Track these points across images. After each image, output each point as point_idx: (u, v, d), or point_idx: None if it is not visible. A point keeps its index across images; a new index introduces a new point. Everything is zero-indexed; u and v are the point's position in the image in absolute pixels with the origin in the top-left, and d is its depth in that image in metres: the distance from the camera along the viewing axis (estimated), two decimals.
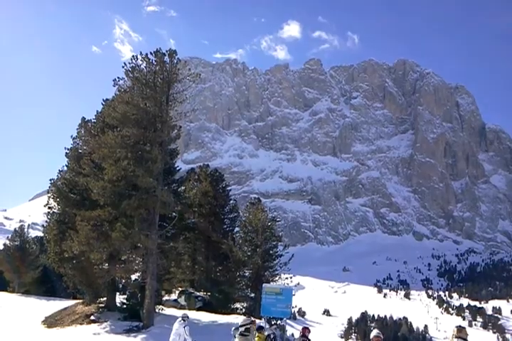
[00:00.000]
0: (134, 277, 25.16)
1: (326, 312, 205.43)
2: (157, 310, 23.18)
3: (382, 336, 6.36)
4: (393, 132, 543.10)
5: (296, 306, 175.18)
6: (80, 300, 28.92)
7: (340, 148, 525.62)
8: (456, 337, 6.97)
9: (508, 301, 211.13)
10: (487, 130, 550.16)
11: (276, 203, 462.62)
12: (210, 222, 33.14)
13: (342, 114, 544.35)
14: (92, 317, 22.68)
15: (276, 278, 31.96)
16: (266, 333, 12.65)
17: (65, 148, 26.71)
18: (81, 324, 22.32)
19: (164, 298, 28.18)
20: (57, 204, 26.01)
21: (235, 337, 10.34)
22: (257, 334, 10.87)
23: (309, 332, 11.46)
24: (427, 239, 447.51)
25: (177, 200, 24.35)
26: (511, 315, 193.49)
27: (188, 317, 14.68)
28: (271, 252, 32.64)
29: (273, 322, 24.90)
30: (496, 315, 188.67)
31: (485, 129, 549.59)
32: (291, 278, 32.06)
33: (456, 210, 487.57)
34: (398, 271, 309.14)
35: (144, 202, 21.91)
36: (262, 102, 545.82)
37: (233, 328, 11.16)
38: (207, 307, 26.46)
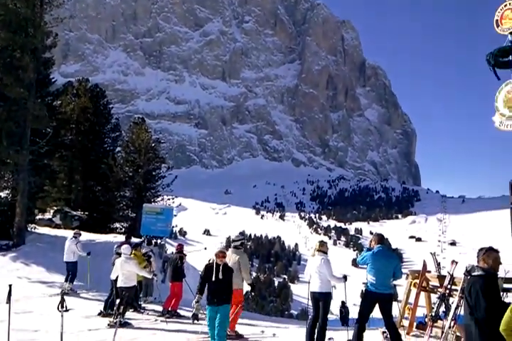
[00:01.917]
0: (3, 194, 23.38)
1: (207, 232, 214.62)
2: (29, 229, 22.08)
3: (225, 251, 6.75)
4: (281, 61, 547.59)
5: (176, 225, 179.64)
6: None
7: (230, 72, 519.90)
8: (317, 251, 7.51)
9: (368, 223, 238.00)
10: (366, 66, 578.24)
11: (162, 125, 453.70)
12: (89, 140, 31.35)
13: (233, 37, 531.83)
14: None
15: (159, 199, 31.88)
16: (143, 250, 12.64)
17: None
18: None
19: (38, 217, 26.83)
20: None
21: (116, 254, 10.18)
22: (133, 252, 10.77)
23: (182, 246, 11.76)
24: (303, 166, 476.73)
25: (51, 115, 22.51)
26: (370, 235, 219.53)
27: (80, 234, 14.34)
28: (153, 173, 32.16)
29: (153, 241, 25.10)
30: (357, 235, 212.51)
31: (365, 65, 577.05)
32: (173, 199, 32.19)
33: (331, 140, 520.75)
34: (276, 195, 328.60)
35: (13, 114, 19.95)
36: (151, 16, 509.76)
37: (116, 246, 10.92)
38: (84, 226, 25.74)
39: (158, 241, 25.75)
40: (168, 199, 32.21)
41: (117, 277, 9.69)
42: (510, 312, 4.05)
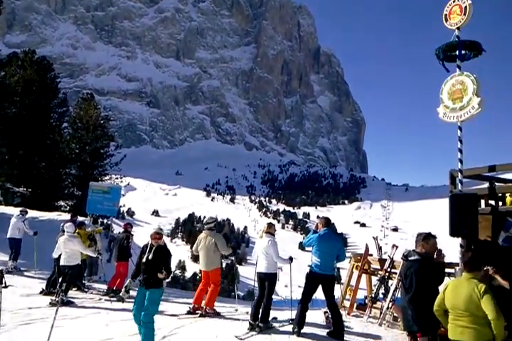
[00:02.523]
0: None
1: (155, 213, 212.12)
2: None
3: (161, 232, 6.61)
4: (237, 43, 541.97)
5: (124, 205, 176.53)
6: None
7: (184, 52, 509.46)
8: (265, 232, 7.61)
9: (316, 208, 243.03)
10: (321, 53, 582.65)
11: (112, 102, 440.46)
12: (34, 114, 29.92)
13: (189, 16, 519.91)
14: None
15: (106, 178, 31.13)
16: (88, 229, 12.36)
17: None
18: None
19: None
20: None
21: (62, 231, 9.90)
22: (77, 230, 10.53)
23: (131, 227, 11.55)
24: (256, 150, 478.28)
25: None
26: (317, 219, 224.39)
27: (26, 211, 13.91)
28: (101, 151, 31.32)
29: (99, 220, 24.55)
30: (305, 219, 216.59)
31: (319, 52, 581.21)
32: (121, 178, 31.54)
33: (284, 125, 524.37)
34: (227, 177, 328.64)
35: None
36: None
37: (62, 224, 10.60)
38: (27, 203, 24.77)
39: (105, 220, 25.23)
40: (116, 178, 31.53)
41: (60, 255, 9.46)
42: (442, 293, 4.29)
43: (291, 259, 7.81)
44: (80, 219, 14.79)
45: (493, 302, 3.89)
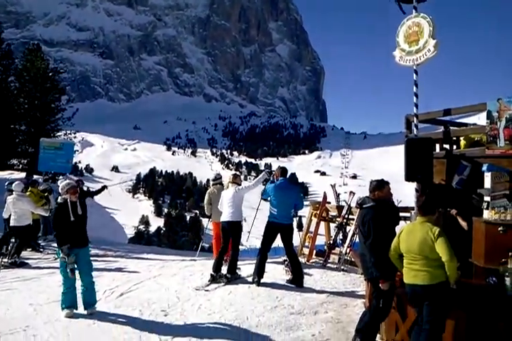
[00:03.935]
0: None
1: (115, 169, 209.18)
2: None
3: (77, 185, 6.19)
4: None
5: (80, 162, 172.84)
6: None
7: None
8: (230, 183, 7.57)
9: (277, 159, 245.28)
10: None
11: (62, 53, 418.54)
12: None
13: None
14: None
15: (60, 134, 29.92)
16: (41, 187, 11.91)
17: None
18: None
19: None
20: None
21: (8, 191, 9.44)
22: (29, 189, 10.11)
23: (82, 183, 11.24)
24: (215, 101, 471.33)
25: None
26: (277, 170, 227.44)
27: None
28: (52, 106, 29.87)
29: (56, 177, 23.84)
30: (267, 170, 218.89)
31: None
32: (74, 133, 30.46)
33: (243, 75, 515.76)
34: (187, 131, 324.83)
35: None
36: None
37: (7, 183, 10.10)
38: None
39: (61, 177, 24.50)
40: (70, 133, 30.41)
41: (10, 216, 9.08)
42: (397, 238, 4.30)
43: (269, 173, 7.78)
44: (36, 177, 14.25)
45: (447, 245, 3.94)
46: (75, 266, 5.77)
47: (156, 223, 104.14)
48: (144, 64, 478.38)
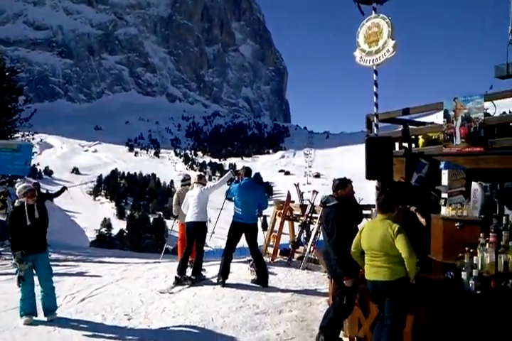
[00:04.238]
0: None
1: (75, 171, 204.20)
2: None
3: (34, 188, 6.09)
4: None
5: (38, 164, 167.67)
6: None
7: None
8: (195, 183, 7.57)
9: (242, 159, 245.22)
10: None
11: (19, 53, 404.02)
12: None
13: None
14: None
15: (17, 135, 28.93)
16: None
17: None
18: None
19: None
20: None
21: None
22: None
23: (39, 187, 10.95)
24: (179, 101, 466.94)
25: None
26: (241, 170, 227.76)
27: None
28: (9, 106, 28.85)
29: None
30: (231, 170, 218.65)
31: None
32: (32, 134, 29.53)
33: (207, 75, 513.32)
34: (150, 131, 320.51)
35: None
36: None
37: None
38: None
39: (18, 180, 23.74)
40: (28, 135, 29.47)
41: None
42: (358, 235, 4.37)
43: (235, 172, 7.83)
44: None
45: (406, 241, 4.02)
46: (34, 272, 5.61)
47: (119, 225, 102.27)
48: (104, 63, 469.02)
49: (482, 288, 4.06)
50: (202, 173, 8.46)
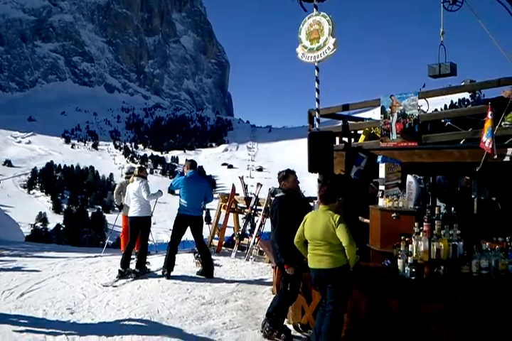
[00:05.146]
0: None
1: (8, 163, 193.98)
2: None
3: None
4: None
5: None
6: None
7: None
8: (136, 176, 7.46)
9: (184, 152, 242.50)
10: None
11: None
12: None
13: None
14: None
15: None
16: None
17: None
18: None
19: None
20: None
21: None
22: None
23: None
24: (118, 92, 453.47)
25: None
26: (185, 162, 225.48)
27: None
28: None
29: None
30: (173, 163, 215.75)
31: None
32: None
33: (147, 66, 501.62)
34: (88, 122, 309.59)
35: None
36: None
37: None
38: None
39: None
40: None
41: None
42: (302, 226, 4.54)
43: (160, 192, 7.74)
44: None
45: (347, 231, 4.22)
46: None
47: (55, 220, 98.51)
48: (38, 51, 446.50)
49: (416, 274, 4.34)
50: (143, 166, 8.35)
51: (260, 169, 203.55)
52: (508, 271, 4.31)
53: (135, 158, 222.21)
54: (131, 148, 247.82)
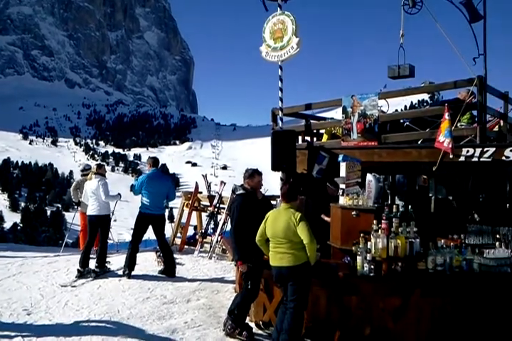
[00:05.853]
0: None
1: None
2: None
3: None
4: None
5: None
6: None
7: None
8: (94, 174, 7.32)
9: (147, 149, 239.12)
10: None
11: None
12: None
13: None
14: None
15: None
16: None
17: None
18: None
19: None
20: None
21: None
22: None
23: None
24: (79, 88, 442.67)
25: None
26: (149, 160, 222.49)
27: None
28: None
29: None
30: (136, 161, 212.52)
31: None
32: None
33: (110, 61, 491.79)
34: (47, 118, 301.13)
35: None
36: None
37: None
38: None
39: None
40: None
41: None
42: (264, 224, 4.57)
43: (119, 195, 7.63)
44: None
45: (308, 228, 4.27)
46: None
47: (12, 219, 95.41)
48: None
49: (375, 270, 4.43)
50: (102, 163, 8.19)
51: (224, 167, 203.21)
52: (461, 267, 4.46)
53: (96, 155, 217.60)
54: (92, 145, 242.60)
